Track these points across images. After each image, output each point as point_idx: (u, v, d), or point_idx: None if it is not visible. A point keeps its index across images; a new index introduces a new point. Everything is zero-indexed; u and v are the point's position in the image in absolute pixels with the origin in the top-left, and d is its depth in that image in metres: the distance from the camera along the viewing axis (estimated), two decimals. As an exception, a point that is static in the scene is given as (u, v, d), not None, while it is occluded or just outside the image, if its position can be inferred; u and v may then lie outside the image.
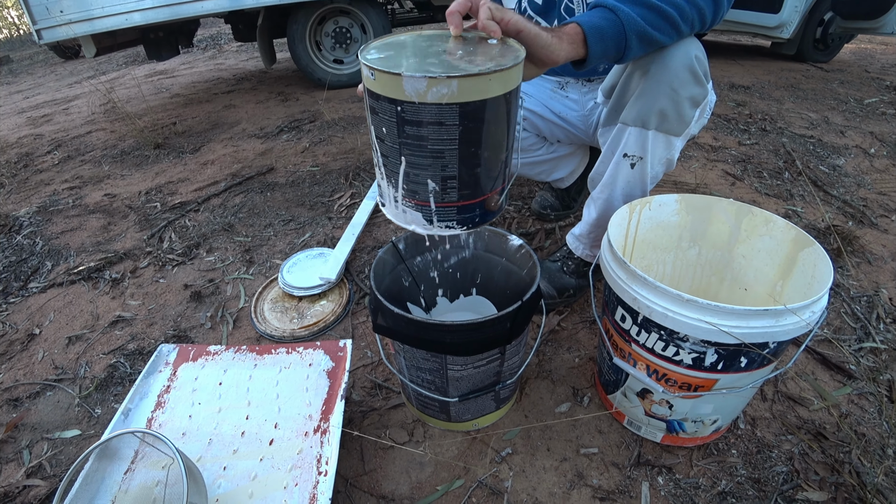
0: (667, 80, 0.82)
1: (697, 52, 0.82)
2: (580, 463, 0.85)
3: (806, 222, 1.53)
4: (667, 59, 0.81)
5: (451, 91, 0.54)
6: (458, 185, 0.61)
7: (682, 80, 0.82)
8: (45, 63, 6.80)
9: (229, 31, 5.84)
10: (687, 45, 0.82)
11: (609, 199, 1.00)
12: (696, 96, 0.86)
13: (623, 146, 0.92)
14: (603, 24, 0.73)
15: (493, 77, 0.55)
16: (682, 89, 0.83)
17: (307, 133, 2.57)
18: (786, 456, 0.84)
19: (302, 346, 0.96)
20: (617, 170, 0.96)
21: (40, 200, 2.02)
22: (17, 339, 1.24)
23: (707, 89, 0.87)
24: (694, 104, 0.87)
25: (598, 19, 0.73)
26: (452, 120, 0.56)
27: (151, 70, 4.94)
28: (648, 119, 0.87)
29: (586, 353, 1.07)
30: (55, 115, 3.51)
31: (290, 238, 1.58)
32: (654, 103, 0.85)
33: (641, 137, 0.89)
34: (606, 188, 0.99)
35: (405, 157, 0.60)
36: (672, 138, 0.90)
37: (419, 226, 0.65)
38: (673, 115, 0.86)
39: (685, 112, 0.86)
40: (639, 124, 0.88)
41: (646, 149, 0.90)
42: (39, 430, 0.98)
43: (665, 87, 0.83)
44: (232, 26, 3.56)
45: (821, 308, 0.66)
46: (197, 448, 0.82)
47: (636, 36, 0.75)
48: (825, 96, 2.92)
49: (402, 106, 0.56)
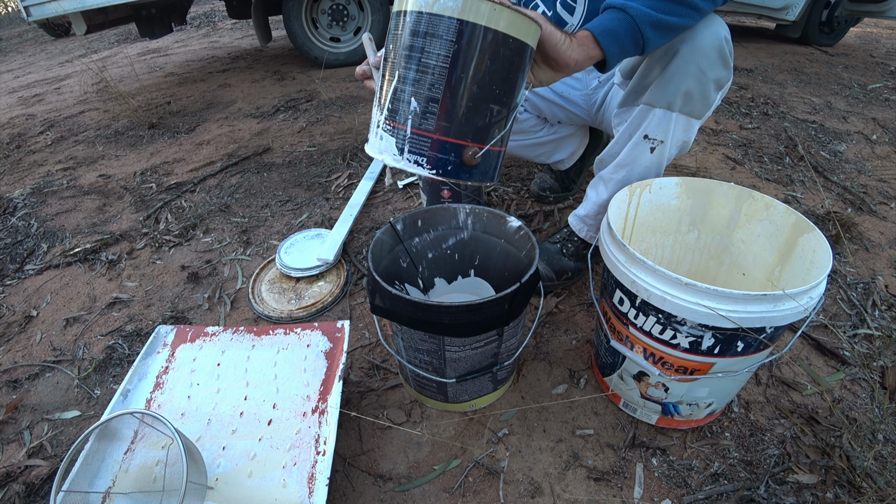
0: (695, 61, 0.81)
1: (726, 34, 0.81)
2: (576, 444, 0.86)
3: (805, 208, 1.52)
4: (697, 40, 0.80)
5: (455, 5, 0.55)
6: (437, 112, 0.60)
7: (711, 62, 0.81)
8: (35, 41, 6.66)
9: (223, 8, 5.73)
10: (716, 25, 0.80)
11: (624, 180, 0.98)
12: (721, 79, 0.85)
13: (645, 127, 0.91)
14: (612, 25, 0.72)
15: (500, 9, 0.55)
16: (710, 71, 0.82)
17: (304, 113, 2.54)
18: (778, 439, 0.86)
19: (300, 327, 0.96)
20: (636, 152, 0.94)
21: (34, 181, 2.00)
22: (15, 321, 1.23)
23: (731, 72, 0.86)
24: (718, 86, 0.86)
25: (607, 21, 0.72)
26: (449, 35, 0.56)
27: (144, 48, 4.85)
28: (674, 100, 0.85)
29: (583, 335, 1.08)
30: (47, 95, 3.45)
31: (287, 219, 1.57)
32: (681, 84, 0.83)
33: (665, 119, 0.88)
34: (622, 168, 0.97)
35: (398, 70, 0.60)
36: (693, 121, 0.89)
37: (389, 155, 0.63)
38: (698, 96, 0.85)
39: (710, 94, 0.85)
40: (664, 105, 0.86)
41: (668, 132, 0.89)
42: (39, 411, 0.99)
43: (693, 67, 0.81)
44: (226, 3, 3.48)
45: (819, 294, 0.66)
46: (196, 428, 0.82)
47: (651, 26, 0.73)
48: (829, 81, 2.89)
49: (408, 17, 0.58)
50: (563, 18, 1.07)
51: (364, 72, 0.78)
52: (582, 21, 1.05)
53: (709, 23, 0.81)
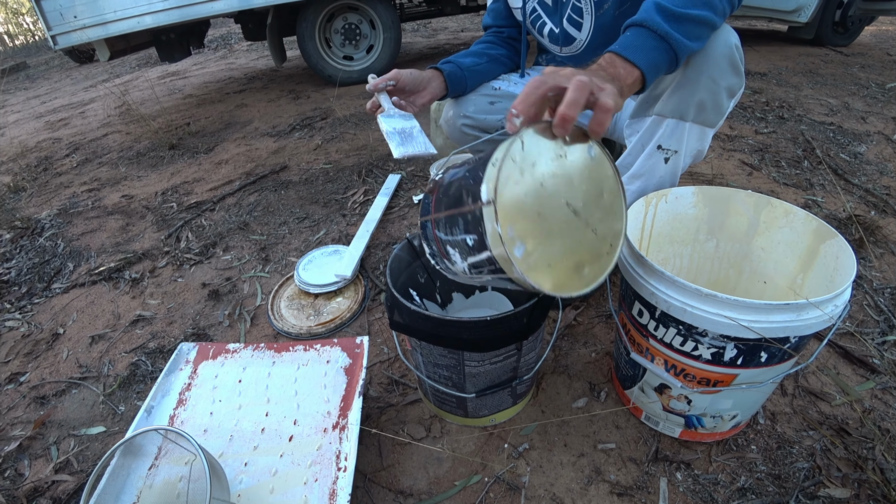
0: (707, 70, 0.81)
1: (736, 42, 0.81)
2: (597, 458, 0.84)
3: (827, 212, 1.50)
4: (707, 49, 0.80)
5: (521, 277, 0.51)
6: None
7: (723, 70, 0.81)
8: (61, 68, 6.92)
9: (239, 31, 5.88)
10: (725, 33, 0.81)
11: (639, 191, 0.97)
12: (733, 86, 0.84)
13: (658, 138, 0.90)
14: (659, 60, 0.71)
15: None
16: (722, 79, 0.82)
17: (319, 130, 2.58)
18: (807, 452, 0.83)
19: (319, 343, 0.97)
20: (650, 162, 0.94)
21: (61, 203, 2.07)
22: (43, 338, 1.27)
23: (743, 80, 0.86)
24: (731, 94, 0.86)
25: (654, 54, 0.70)
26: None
27: (164, 71, 5.00)
28: (687, 110, 0.85)
29: (603, 347, 1.07)
30: (72, 119, 3.58)
31: (304, 236, 1.59)
32: (693, 94, 0.83)
33: (678, 129, 0.88)
34: (636, 179, 0.97)
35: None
36: (707, 129, 0.89)
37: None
38: (711, 105, 0.85)
39: (722, 102, 0.85)
40: (676, 115, 0.86)
41: (682, 141, 0.89)
42: (66, 427, 1.01)
43: (705, 77, 0.81)
44: (242, 26, 3.58)
45: (843, 301, 0.65)
46: (218, 444, 0.83)
47: (685, 56, 0.74)
48: (845, 81, 2.84)
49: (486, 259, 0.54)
50: (570, 34, 1.08)
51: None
52: (590, 37, 1.06)
53: (718, 31, 0.81)
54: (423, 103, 1.05)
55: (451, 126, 1.25)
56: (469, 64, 1.13)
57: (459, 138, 1.27)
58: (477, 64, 1.15)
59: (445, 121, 1.26)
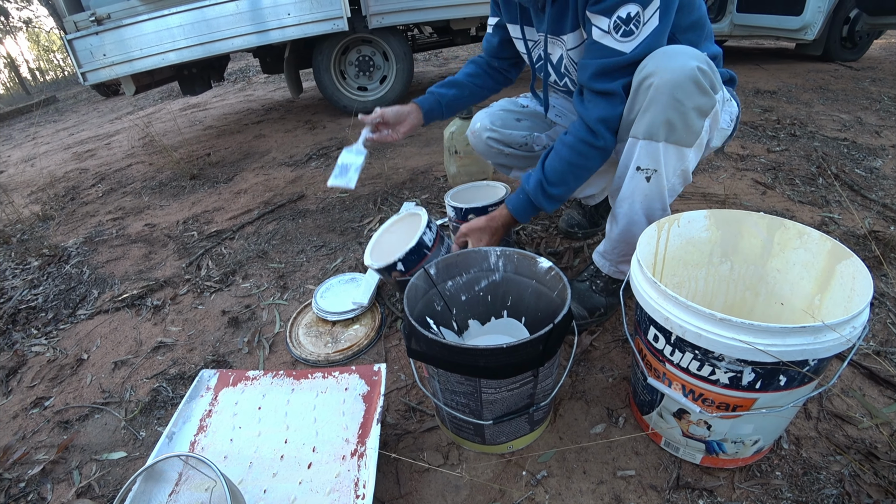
0: (669, 91, 0.84)
1: (700, 64, 0.84)
2: (617, 486, 0.83)
3: (844, 229, 1.48)
4: (667, 72, 0.84)
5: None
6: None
7: (687, 91, 0.84)
8: (88, 101, 7.23)
9: (257, 64, 6.09)
10: (683, 58, 0.84)
11: (629, 213, 1.00)
12: (702, 106, 0.87)
13: (636, 159, 0.93)
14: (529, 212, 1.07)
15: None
16: (687, 100, 0.85)
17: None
18: (835, 478, 0.81)
19: (338, 370, 0.99)
20: (633, 184, 0.96)
21: (86, 231, 2.14)
22: (67, 363, 1.30)
23: (713, 99, 0.88)
24: (701, 114, 0.88)
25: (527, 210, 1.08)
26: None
27: (185, 104, 5.19)
28: (657, 131, 0.88)
29: (620, 372, 1.06)
30: (98, 150, 3.72)
31: (322, 263, 1.62)
32: (660, 115, 0.86)
33: (652, 150, 0.90)
34: (625, 202, 1.00)
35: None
36: (684, 149, 0.91)
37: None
38: (680, 125, 0.87)
39: (692, 122, 0.88)
40: (648, 137, 0.89)
41: (658, 161, 0.91)
42: (88, 452, 1.03)
43: (668, 97, 0.85)
44: (260, 60, 3.72)
45: (862, 323, 0.65)
46: (238, 471, 0.84)
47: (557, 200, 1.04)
48: (857, 96, 2.84)
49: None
50: (570, 88, 1.14)
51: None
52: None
53: (675, 55, 0.84)
54: (405, 132, 1.25)
55: (477, 138, 1.31)
56: (451, 96, 1.28)
57: (484, 150, 1.33)
58: (458, 98, 1.30)
59: (472, 132, 1.32)
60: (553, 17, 1.01)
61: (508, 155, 1.32)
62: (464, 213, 1.36)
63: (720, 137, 1.09)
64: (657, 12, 0.86)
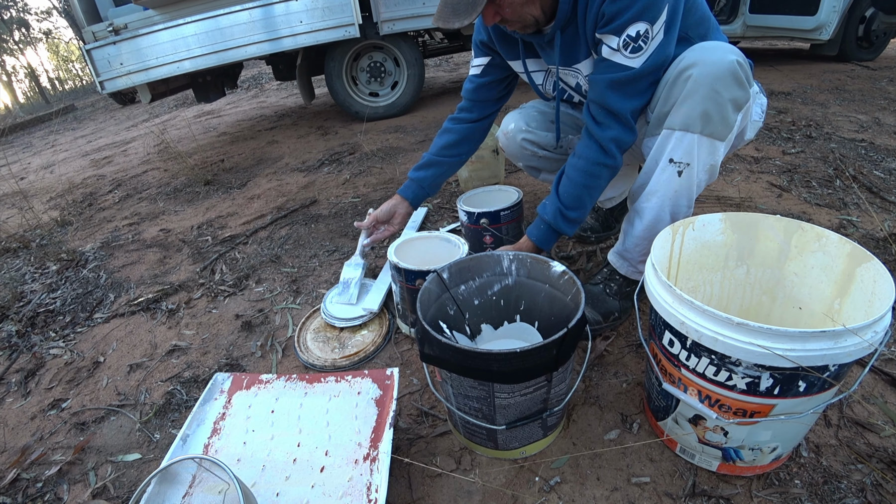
0: (708, 83, 0.85)
1: (738, 58, 0.86)
2: (632, 493, 0.82)
3: (863, 232, 1.45)
4: (707, 64, 0.85)
5: None
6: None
7: (725, 82, 0.85)
8: (105, 109, 7.38)
9: (270, 72, 6.18)
10: (722, 51, 0.86)
11: (656, 208, 0.99)
12: (738, 98, 0.88)
13: (669, 151, 0.93)
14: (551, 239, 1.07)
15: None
16: (725, 91, 0.86)
17: (347, 165, 2.67)
18: (856, 487, 0.79)
19: (350, 374, 0.99)
20: (664, 176, 0.96)
21: (103, 236, 2.18)
22: (84, 366, 1.32)
23: (749, 93, 0.89)
24: (736, 107, 0.89)
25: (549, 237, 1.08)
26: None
27: (200, 111, 5.28)
28: (693, 122, 0.88)
29: (634, 377, 1.05)
30: (115, 157, 3.79)
31: (334, 268, 1.63)
32: (697, 106, 0.87)
33: (687, 141, 0.90)
34: (653, 197, 0.99)
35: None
36: (717, 143, 0.91)
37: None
38: (717, 117, 0.88)
39: (728, 114, 0.88)
40: (685, 128, 0.90)
41: (692, 154, 0.91)
42: (104, 453, 1.04)
43: (706, 88, 0.85)
44: (273, 67, 3.78)
45: (884, 327, 0.63)
46: (251, 474, 0.85)
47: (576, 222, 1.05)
48: (874, 96, 2.79)
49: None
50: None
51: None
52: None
53: (714, 49, 0.86)
54: (399, 222, 1.33)
55: (511, 140, 1.30)
56: (431, 176, 1.30)
57: (517, 152, 1.32)
58: (438, 176, 1.31)
59: (504, 133, 1.31)
60: (564, 49, 1.01)
61: (542, 157, 1.31)
62: (476, 218, 1.36)
63: (753, 129, 1.09)
64: (663, 27, 0.88)
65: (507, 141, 1.31)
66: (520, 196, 1.40)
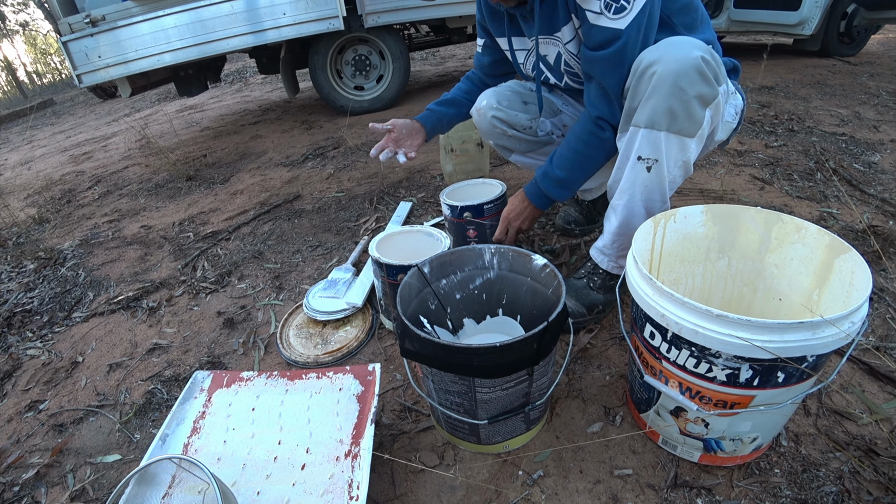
0: (672, 79, 0.84)
1: (703, 54, 0.85)
2: (614, 485, 0.82)
3: (843, 224, 1.47)
4: (670, 61, 0.84)
5: None
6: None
7: (690, 79, 0.84)
8: (85, 104, 7.22)
9: (254, 65, 6.09)
10: (687, 48, 0.85)
11: (628, 204, 0.99)
12: (704, 95, 0.87)
13: (637, 149, 0.93)
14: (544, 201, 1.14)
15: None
16: (690, 87, 0.85)
17: (331, 160, 2.64)
18: (834, 475, 0.80)
19: (332, 370, 0.98)
20: (633, 174, 0.96)
21: (82, 234, 2.13)
22: (62, 366, 1.29)
23: (716, 90, 0.89)
24: (703, 103, 0.88)
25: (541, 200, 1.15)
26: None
27: (182, 105, 5.18)
28: (659, 119, 0.88)
29: (617, 370, 1.05)
30: (95, 153, 3.71)
31: (318, 264, 1.61)
32: (662, 102, 0.87)
33: (653, 138, 0.90)
34: (624, 194, 0.99)
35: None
36: (685, 139, 0.91)
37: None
38: (682, 114, 0.87)
39: (695, 111, 0.88)
40: (650, 125, 0.89)
41: (659, 150, 0.91)
42: (83, 455, 1.02)
43: (671, 85, 0.85)
44: (256, 60, 3.71)
45: (861, 318, 0.64)
46: (231, 473, 0.83)
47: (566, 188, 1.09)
48: (855, 91, 2.83)
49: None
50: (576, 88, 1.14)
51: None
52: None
53: (680, 45, 0.85)
54: (416, 146, 1.31)
55: (482, 116, 1.29)
56: (451, 115, 1.37)
57: (487, 129, 1.31)
58: (457, 116, 1.38)
59: (476, 110, 1.30)
60: (543, 18, 1.01)
61: (511, 137, 1.29)
62: (459, 211, 1.35)
63: (725, 131, 1.08)
64: None
65: (479, 117, 1.30)
66: (503, 189, 1.39)
